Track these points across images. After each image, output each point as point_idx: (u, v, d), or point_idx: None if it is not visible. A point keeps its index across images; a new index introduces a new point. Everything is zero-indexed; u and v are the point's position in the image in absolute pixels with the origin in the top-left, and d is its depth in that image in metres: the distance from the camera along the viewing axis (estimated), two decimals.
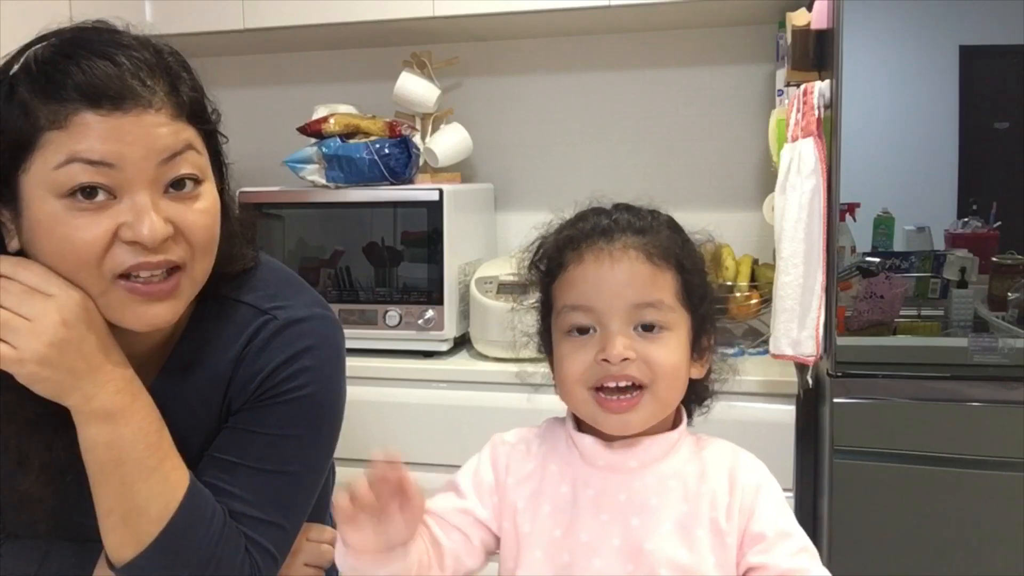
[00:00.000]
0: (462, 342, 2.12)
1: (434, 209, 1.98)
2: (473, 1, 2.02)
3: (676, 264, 0.82)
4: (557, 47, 2.36)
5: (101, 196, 0.77)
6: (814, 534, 1.83)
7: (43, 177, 0.77)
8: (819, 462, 1.78)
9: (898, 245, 1.59)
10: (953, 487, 1.58)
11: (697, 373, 0.86)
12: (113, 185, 0.78)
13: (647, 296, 0.80)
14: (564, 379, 0.83)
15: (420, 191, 2.01)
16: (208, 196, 0.85)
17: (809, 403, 1.83)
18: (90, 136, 0.76)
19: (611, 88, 2.34)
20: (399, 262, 2.02)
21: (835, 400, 1.62)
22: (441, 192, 1.98)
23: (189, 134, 0.82)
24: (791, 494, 1.75)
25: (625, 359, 0.79)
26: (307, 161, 2.07)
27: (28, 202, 0.78)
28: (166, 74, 0.81)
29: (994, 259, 1.55)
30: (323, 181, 2.05)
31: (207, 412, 0.91)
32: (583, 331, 0.82)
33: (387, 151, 2.02)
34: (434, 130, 2.25)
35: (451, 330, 2.01)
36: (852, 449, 1.61)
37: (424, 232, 1.99)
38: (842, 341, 1.61)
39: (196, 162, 0.83)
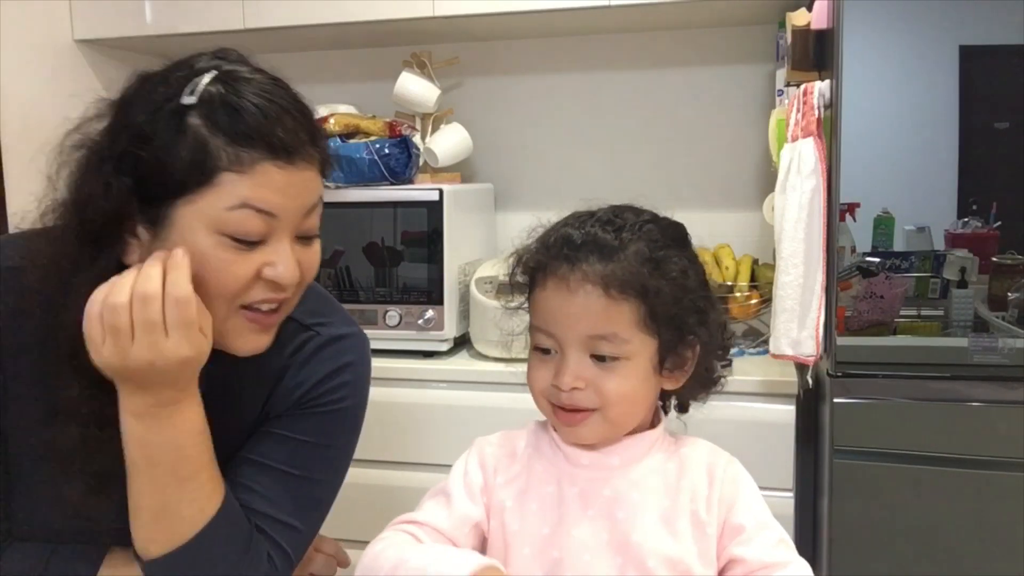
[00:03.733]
0: (462, 342, 2.11)
1: (434, 209, 1.98)
2: (473, 1, 2.02)
3: (638, 293, 0.81)
4: (557, 47, 2.36)
5: (255, 238, 0.81)
6: (814, 534, 1.83)
7: (209, 212, 0.79)
8: (819, 462, 1.78)
9: (898, 245, 1.59)
10: (953, 487, 1.58)
11: (672, 385, 0.87)
12: (267, 232, 0.82)
13: (600, 329, 0.81)
14: (531, 389, 0.87)
15: (420, 191, 2.01)
16: (319, 238, 0.90)
17: (809, 403, 1.83)
18: (267, 187, 0.80)
19: (611, 88, 2.34)
20: (399, 262, 2.02)
21: (835, 400, 1.62)
22: (441, 192, 1.98)
23: (320, 185, 0.87)
24: (791, 494, 1.75)
25: (574, 388, 0.82)
26: None
27: (179, 230, 0.80)
28: (313, 125, 0.85)
29: (994, 259, 1.55)
30: None
31: (244, 419, 0.94)
32: (546, 351, 0.85)
33: (387, 151, 2.02)
34: (434, 130, 2.25)
35: (451, 330, 2.01)
36: (852, 449, 1.61)
37: (424, 232, 1.99)
38: (842, 341, 1.61)
39: (319, 212, 0.88)
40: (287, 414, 0.94)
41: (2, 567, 0.90)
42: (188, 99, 0.80)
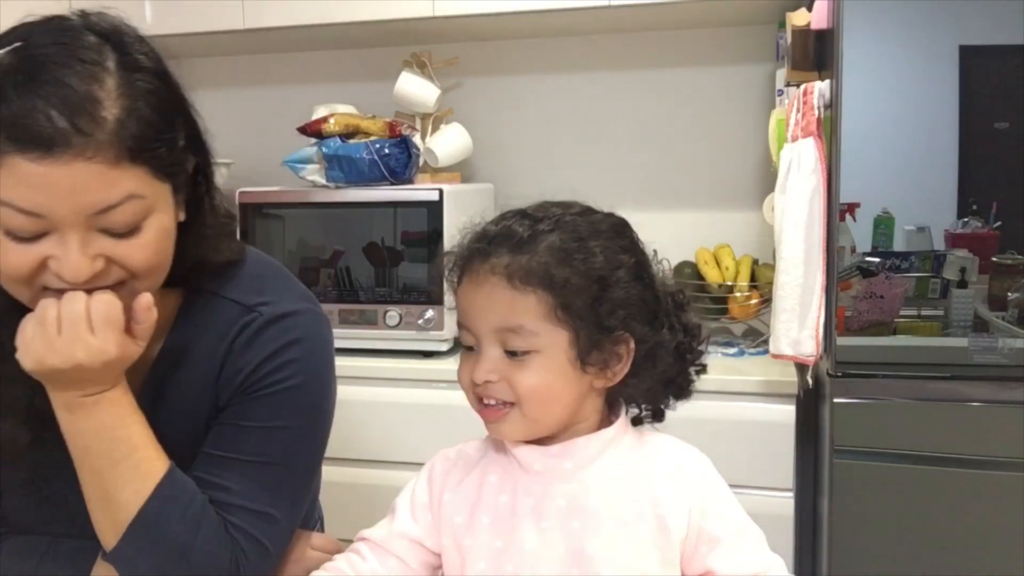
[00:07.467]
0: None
1: (434, 209, 1.98)
2: (473, 1, 2.02)
3: (544, 283, 0.78)
4: (557, 47, 2.36)
5: (26, 235, 0.75)
6: (814, 534, 1.83)
7: None
8: (819, 462, 1.78)
9: (898, 245, 1.59)
10: (953, 487, 1.58)
11: (603, 382, 0.83)
12: (42, 228, 0.75)
13: (507, 321, 0.80)
14: (460, 385, 0.86)
15: (420, 191, 2.01)
16: (151, 228, 0.79)
17: (809, 403, 1.83)
18: (20, 184, 0.72)
19: (611, 88, 2.34)
20: (399, 262, 2.02)
21: (835, 400, 1.62)
22: (441, 192, 1.98)
23: (131, 183, 0.75)
24: (791, 494, 1.75)
25: (487, 381, 0.81)
26: (307, 161, 2.07)
27: None
28: (116, 105, 0.74)
29: (994, 259, 1.55)
30: (323, 181, 2.05)
31: (197, 409, 0.91)
32: (469, 347, 0.84)
33: (387, 151, 2.02)
34: (434, 130, 2.25)
35: (451, 330, 2.01)
36: (852, 449, 1.61)
37: (424, 232, 1.99)
38: (842, 341, 1.61)
39: (136, 209, 0.77)
40: (234, 402, 0.90)
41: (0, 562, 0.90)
42: None
